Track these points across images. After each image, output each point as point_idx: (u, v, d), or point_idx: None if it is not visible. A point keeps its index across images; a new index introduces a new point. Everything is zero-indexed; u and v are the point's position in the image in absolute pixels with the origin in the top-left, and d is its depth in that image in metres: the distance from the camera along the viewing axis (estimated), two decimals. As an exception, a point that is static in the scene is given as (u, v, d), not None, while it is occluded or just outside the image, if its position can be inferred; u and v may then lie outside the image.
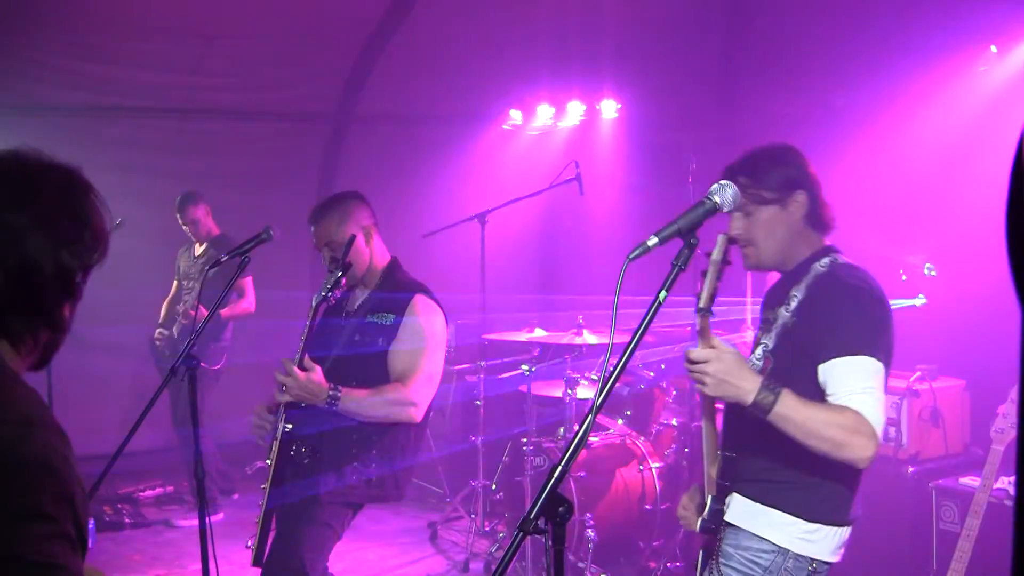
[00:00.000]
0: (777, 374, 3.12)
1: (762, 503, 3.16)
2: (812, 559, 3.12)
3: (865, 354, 2.98)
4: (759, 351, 3.32)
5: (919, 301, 5.92)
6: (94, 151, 8.30)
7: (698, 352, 2.88)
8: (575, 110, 9.29)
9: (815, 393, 3.01)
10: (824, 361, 3.02)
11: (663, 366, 6.92)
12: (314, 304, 4.34)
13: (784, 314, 3.23)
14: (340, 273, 4.36)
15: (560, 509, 2.27)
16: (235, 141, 9.47)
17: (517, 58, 9.00)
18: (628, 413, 7.12)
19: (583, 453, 6.33)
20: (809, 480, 3.08)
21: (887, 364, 3.05)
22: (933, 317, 5.94)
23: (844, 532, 3.19)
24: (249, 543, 4.39)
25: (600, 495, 6.49)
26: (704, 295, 2.93)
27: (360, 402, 4.29)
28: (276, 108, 9.62)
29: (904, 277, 6.06)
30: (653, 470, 6.64)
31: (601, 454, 6.66)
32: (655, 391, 7.06)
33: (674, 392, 7.00)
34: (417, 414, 4.42)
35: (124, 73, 8.60)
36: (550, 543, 2.29)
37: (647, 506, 6.58)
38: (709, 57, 8.46)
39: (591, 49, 8.75)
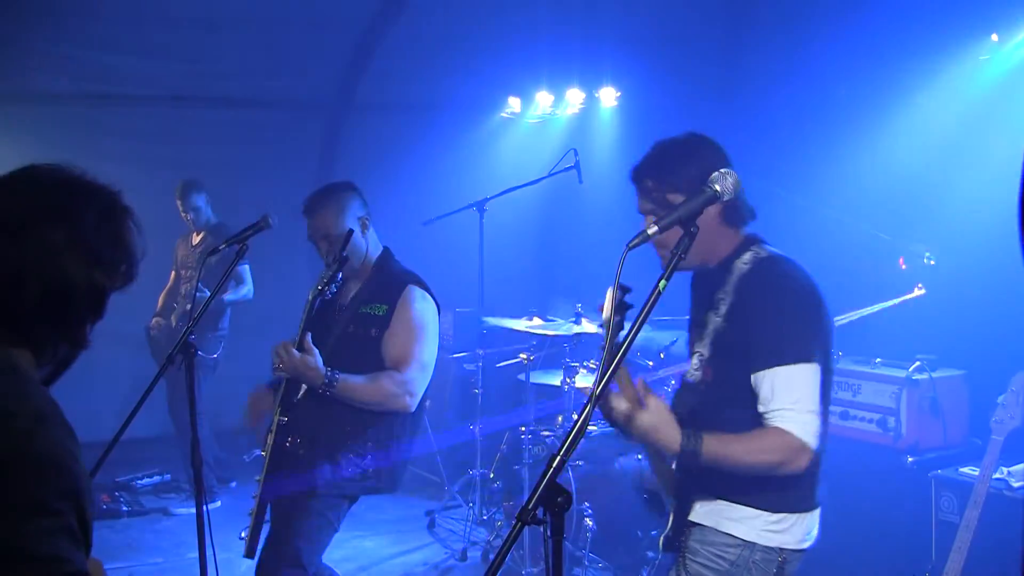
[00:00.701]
0: (717, 383, 3.14)
1: (724, 499, 3.12)
2: (781, 549, 3.09)
3: (793, 362, 2.94)
4: (696, 360, 3.27)
5: (917, 292, 5.91)
6: (91, 139, 8.34)
7: (621, 408, 2.90)
8: (574, 98, 9.26)
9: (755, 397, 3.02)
10: (755, 371, 2.99)
11: (662, 355, 6.91)
12: (310, 299, 4.34)
13: (715, 319, 3.17)
14: (337, 268, 4.36)
15: (559, 499, 2.26)
16: (233, 130, 9.45)
17: (516, 46, 8.97)
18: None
19: (581, 442, 6.32)
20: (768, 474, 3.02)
21: (822, 357, 3.01)
22: (932, 307, 5.93)
23: (811, 517, 3.16)
24: (243, 534, 4.40)
25: (599, 484, 6.48)
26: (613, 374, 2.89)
27: (356, 388, 4.31)
28: (274, 96, 9.61)
29: (904, 266, 6.05)
30: (652, 459, 6.62)
31: (600, 443, 6.64)
32: (654, 380, 7.05)
33: (673, 381, 6.99)
34: (411, 403, 4.43)
35: (122, 61, 8.58)
36: (549, 533, 2.28)
37: (646, 495, 6.56)
38: (709, 45, 8.42)
39: (590, 37, 8.72)
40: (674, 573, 3.23)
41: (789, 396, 2.92)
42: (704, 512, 3.18)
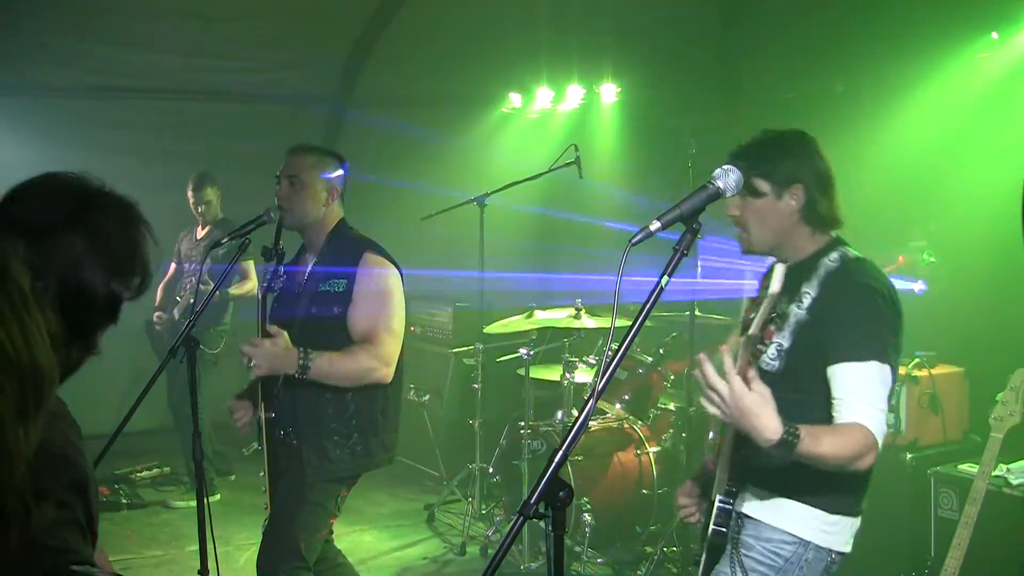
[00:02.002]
0: (792, 373, 3.16)
1: (779, 495, 3.17)
2: (831, 550, 3.16)
3: (874, 359, 2.99)
4: (772, 350, 3.28)
5: (917, 287, 5.91)
6: (92, 132, 8.33)
7: (718, 382, 2.79)
8: (575, 93, 9.26)
9: (827, 389, 3.05)
10: (833, 364, 3.04)
11: (661, 351, 6.92)
12: (259, 296, 4.27)
13: (797, 311, 3.21)
14: (276, 261, 4.31)
15: (560, 494, 2.26)
16: (233, 123, 9.44)
17: (517, 41, 8.97)
18: (626, 397, 7.11)
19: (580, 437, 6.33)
20: (827, 473, 3.04)
21: (896, 361, 3.06)
22: (932, 304, 5.93)
23: (857, 523, 3.24)
24: (265, 523, 4.44)
25: (597, 479, 6.50)
26: (756, 321, 2.92)
27: (332, 366, 4.21)
28: (275, 90, 9.58)
29: (902, 261, 6.06)
30: (650, 454, 6.65)
31: (599, 438, 6.66)
32: (653, 376, 7.06)
33: (672, 377, 7.01)
34: (387, 374, 4.36)
35: (122, 54, 8.57)
36: (550, 528, 2.28)
37: (644, 490, 6.59)
38: (709, 41, 8.42)
39: (591, 32, 8.72)
40: (727, 566, 3.25)
41: (864, 392, 2.97)
42: (761, 507, 3.22)
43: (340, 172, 4.61)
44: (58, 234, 1.95)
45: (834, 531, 3.15)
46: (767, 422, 2.77)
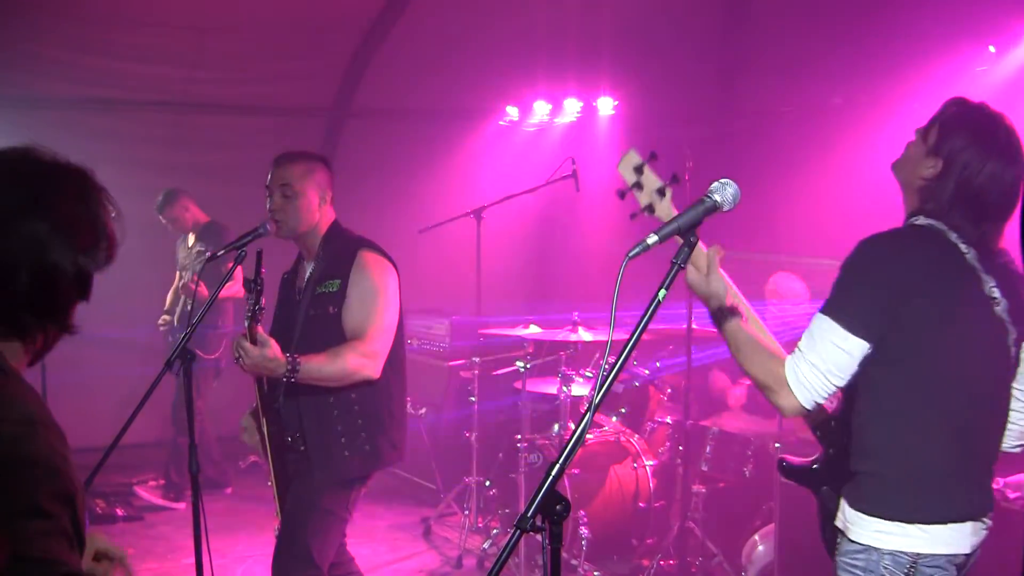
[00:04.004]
0: None
1: (851, 506, 3.03)
2: (908, 552, 2.94)
3: (824, 312, 2.93)
4: None
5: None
6: (89, 143, 8.27)
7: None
8: (572, 106, 9.28)
9: None
10: None
11: (658, 364, 6.91)
12: (247, 325, 4.25)
13: None
14: (257, 294, 4.26)
15: (557, 507, 2.26)
16: (231, 135, 9.45)
17: (514, 54, 8.99)
18: (623, 410, 7.11)
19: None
20: (888, 474, 2.97)
21: (849, 321, 2.89)
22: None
23: (948, 528, 3.01)
24: (278, 529, 4.43)
25: (594, 492, 6.49)
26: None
27: (320, 367, 4.18)
28: (272, 102, 9.59)
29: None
30: (647, 468, 6.64)
31: (595, 451, 6.66)
32: (650, 389, 7.06)
33: (669, 390, 7.01)
34: (375, 369, 4.32)
35: (120, 66, 8.58)
36: (547, 542, 2.28)
37: (641, 504, 6.58)
38: (706, 54, 8.45)
39: (588, 45, 8.74)
40: None
41: (805, 340, 2.92)
42: (841, 519, 3.09)
43: (328, 174, 4.63)
44: (18, 219, 1.93)
45: (898, 532, 2.93)
46: (711, 292, 3.06)
